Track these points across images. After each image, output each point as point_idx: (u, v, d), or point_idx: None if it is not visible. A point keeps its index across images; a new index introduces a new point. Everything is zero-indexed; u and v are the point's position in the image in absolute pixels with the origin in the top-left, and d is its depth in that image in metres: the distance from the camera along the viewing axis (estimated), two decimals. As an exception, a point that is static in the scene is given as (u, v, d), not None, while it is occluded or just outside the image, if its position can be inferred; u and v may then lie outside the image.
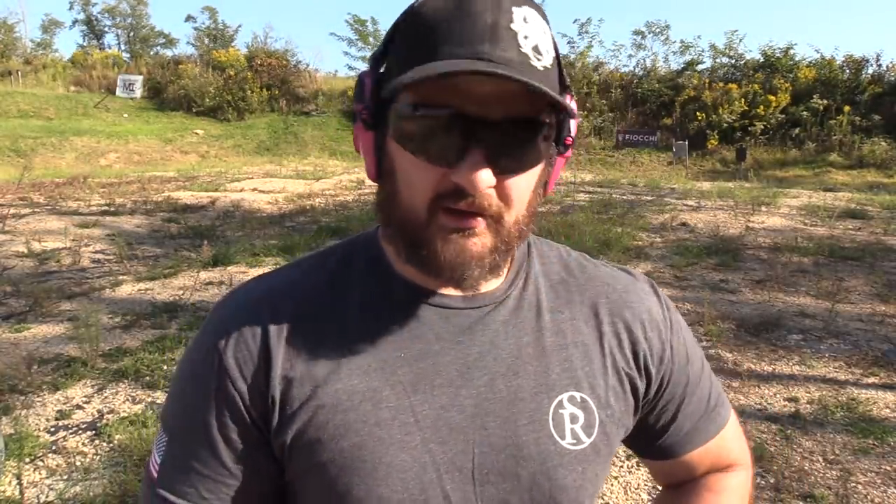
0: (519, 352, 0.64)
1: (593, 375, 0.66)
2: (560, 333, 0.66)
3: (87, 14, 39.57)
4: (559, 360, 0.65)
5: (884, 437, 3.01)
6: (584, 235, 6.95)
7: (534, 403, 0.63)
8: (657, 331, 0.70)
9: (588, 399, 0.65)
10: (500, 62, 0.51)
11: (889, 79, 17.54)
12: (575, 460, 0.63)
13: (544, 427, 0.62)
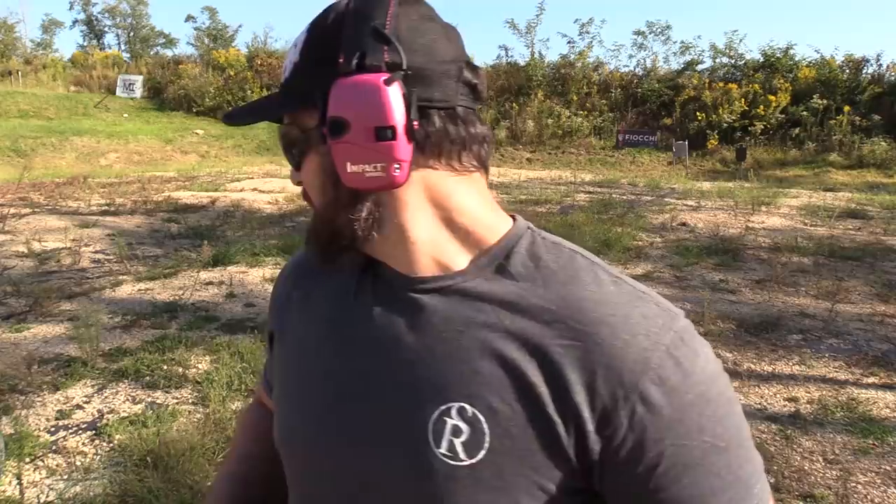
0: (431, 344, 0.60)
1: (500, 396, 0.57)
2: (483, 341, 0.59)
3: (87, 14, 39.59)
4: (469, 368, 0.58)
5: (884, 437, 3.01)
6: (584, 235, 6.95)
7: (413, 400, 0.59)
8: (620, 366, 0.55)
9: (479, 416, 0.57)
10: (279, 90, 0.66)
11: (889, 79, 17.53)
12: (442, 472, 0.58)
13: (423, 431, 0.58)
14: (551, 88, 20.48)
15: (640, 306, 0.59)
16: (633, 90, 19.91)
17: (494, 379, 0.57)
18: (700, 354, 0.58)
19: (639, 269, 6.06)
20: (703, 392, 0.56)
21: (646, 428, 0.55)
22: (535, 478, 0.57)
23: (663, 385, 0.55)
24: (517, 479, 0.57)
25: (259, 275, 5.76)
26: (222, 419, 3.02)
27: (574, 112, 19.40)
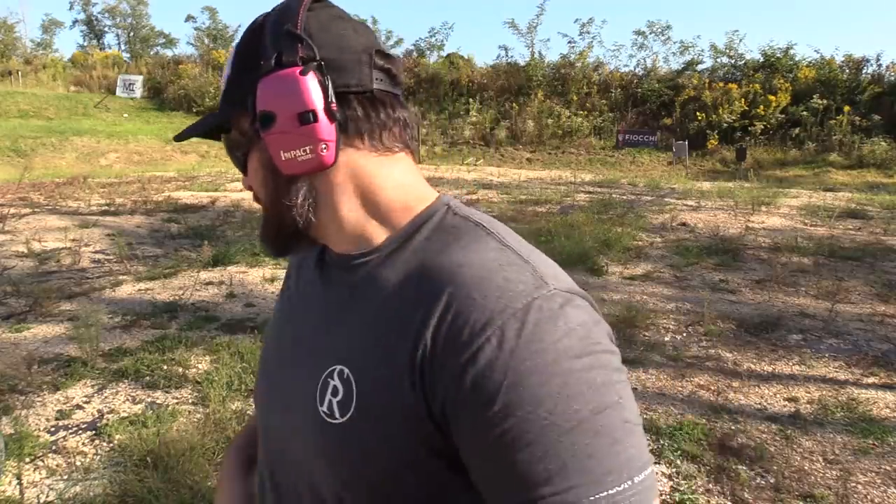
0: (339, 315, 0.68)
1: (372, 355, 0.61)
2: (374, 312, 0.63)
3: (87, 14, 39.59)
4: (356, 335, 0.64)
5: (884, 437, 3.01)
6: (584, 235, 6.95)
7: (315, 364, 0.66)
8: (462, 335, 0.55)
9: (353, 376, 0.62)
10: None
11: (889, 79, 17.54)
12: (323, 430, 0.62)
13: (312, 390, 0.65)
14: (551, 88, 20.49)
15: (510, 271, 0.58)
16: (633, 90, 19.91)
17: (369, 345, 0.62)
18: (559, 327, 0.54)
19: (639, 269, 6.06)
20: (549, 363, 0.52)
21: (478, 386, 0.53)
22: (398, 439, 0.58)
23: (500, 346, 0.53)
24: (383, 439, 0.59)
25: (259, 275, 5.76)
26: (222, 419, 3.02)
27: (574, 112, 19.40)
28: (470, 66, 22.34)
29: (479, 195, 10.72)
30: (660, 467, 2.78)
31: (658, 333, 4.40)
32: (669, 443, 2.93)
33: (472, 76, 21.62)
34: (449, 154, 18.19)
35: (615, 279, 5.77)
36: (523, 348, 0.53)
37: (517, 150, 18.63)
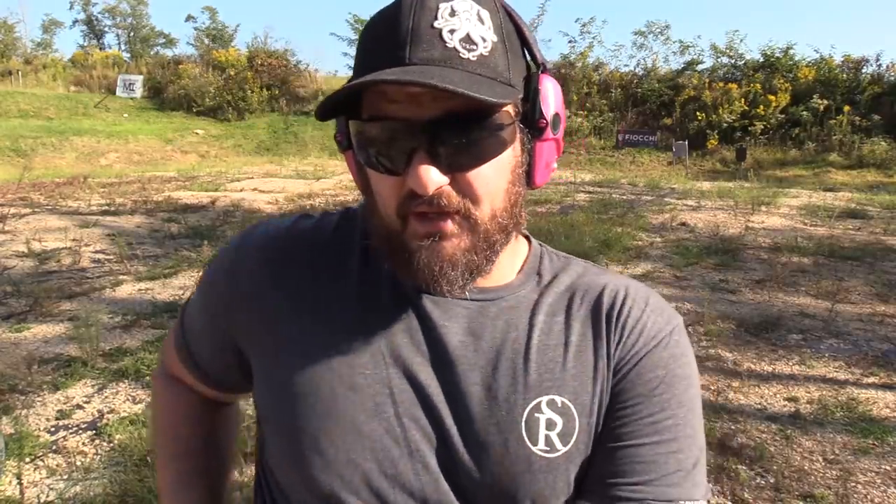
0: (502, 346, 0.62)
1: (579, 379, 0.62)
2: (549, 333, 0.63)
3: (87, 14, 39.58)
4: (543, 360, 0.62)
5: (884, 437, 3.01)
6: (584, 235, 6.95)
7: (507, 403, 0.60)
8: (639, 338, 0.63)
9: (569, 404, 0.61)
10: (420, 63, 0.53)
11: (889, 79, 17.52)
12: (546, 468, 0.60)
13: (515, 429, 0.60)
14: (551, 88, 20.48)
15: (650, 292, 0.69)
16: (633, 90, 19.90)
17: (573, 364, 0.63)
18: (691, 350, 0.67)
19: (639, 269, 6.06)
20: (694, 376, 0.66)
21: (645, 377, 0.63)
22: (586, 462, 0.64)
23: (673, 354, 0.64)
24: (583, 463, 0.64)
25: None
26: (222, 419, 3.02)
27: (574, 112, 19.40)
28: (470, 66, 22.33)
29: (479, 195, 10.71)
30: (660, 467, 2.78)
31: (658, 333, 4.40)
32: (669, 443, 2.93)
33: (472, 76, 21.61)
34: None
35: (615, 279, 5.76)
36: (680, 339, 0.65)
37: (517, 150, 18.63)
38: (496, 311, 0.63)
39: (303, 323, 0.64)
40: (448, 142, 0.54)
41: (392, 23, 0.54)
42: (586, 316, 0.64)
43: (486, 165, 0.56)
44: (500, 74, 0.55)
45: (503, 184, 0.58)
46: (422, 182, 0.53)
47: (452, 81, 0.51)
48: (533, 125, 0.59)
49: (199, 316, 0.76)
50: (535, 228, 7.54)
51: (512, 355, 0.62)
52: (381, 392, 0.60)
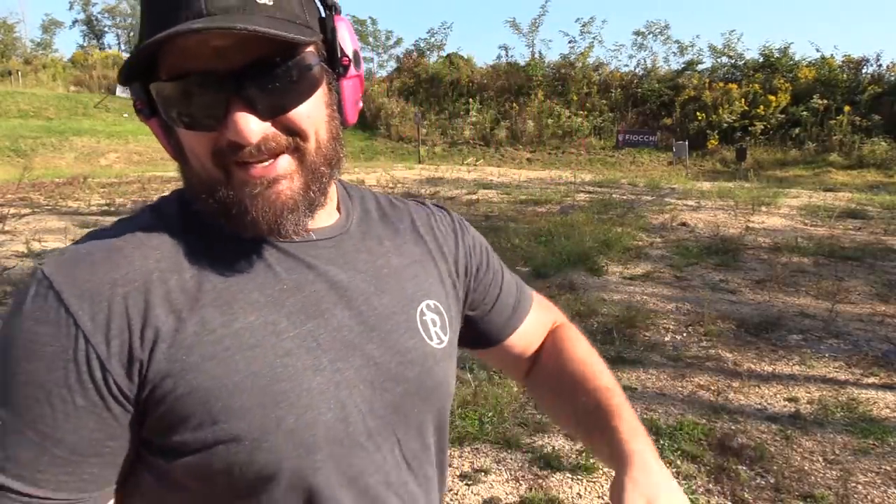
0: (378, 272, 0.70)
1: (436, 284, 0.76)
2: (401, 254, 0.74)
3: (87, 14, 39.62)
4: (409, 275, 0.73)
5: (884, 437, 3.00)
6: (584, 235, 6.95)
7: (404, 315, 0.70)
8: (460, 234, 0.82)
9: (439, 304, 0.74)
10: (217, 12, 0.52)
11: (889, 79, 17.53)
12: (442, 357, 0.72)
13: (417, 333, 0.70)
14: (551, 88, 20.49)
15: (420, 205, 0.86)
16: (633, 90, 19.92)
17: (426, 274, 0.77)
18: None
19: (639, 269, 6.06)
20: (469, 225, 0.89)
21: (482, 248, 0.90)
22: (458, 326, 0.81)
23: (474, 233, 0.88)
24: (457, 335, 0.79)
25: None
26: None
27: (574, 112, 19.41)
28: (470, 66, 22.34)
29: (479, 195, 10.72)
30: (660, 467, 2.78)
31: (658, 333, 4.40)
32: (669, 443, 2.93)
33: (472, 76, 21.62)
34: (449, 154, 18.20)
35: (615, 279, 5.77)
36: (460, 219, 0.86)
37: (517, 150, 18.63)
38: (352, 243, 0.70)
39: (202, 324, 0.57)
40: (263, 88, 0.54)
41: None
42: (415, 234, 0.78)
43: (304, 104, 0.57)
44: (297, 17, 0.56)
45: (323, 117, 0.60)
46: (243, 133, 0.54)
47: (257, 24, 0.51)
48: (337, 64, 0.61)
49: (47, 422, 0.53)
50: (535, 228, 7.54)
51: (386, 275, 0.70)
52: (311, 347, 0.61)
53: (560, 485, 2.65)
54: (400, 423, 0.67)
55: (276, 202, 0.57)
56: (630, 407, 0.77)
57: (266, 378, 0.58)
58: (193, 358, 0.56)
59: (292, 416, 0.58)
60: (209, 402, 0.56)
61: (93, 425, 0.54)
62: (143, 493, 0.60)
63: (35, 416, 0.53)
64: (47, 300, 0.54)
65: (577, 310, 4.74)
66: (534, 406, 3.20)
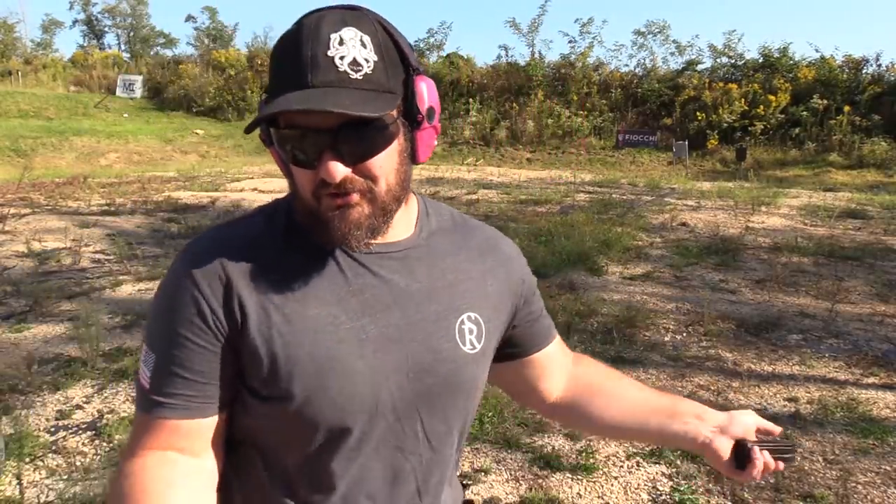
0: (433, 284, 0.86)
1: (482, 300, 0.90)
2: (457, 271, 0.89)
3: (87, 14, 39.60)
4: (459, 290, 0.88)
5: (884, 437, 3.01)
6: (584, 235, 6.95)
7: (445, 322, 0.86)
8: (515, 262, 0.98)
9: (479, 317, 0.89)
10: (320, 86, 0.70)
11: (889, 79, 17.51)
12: (473, 361, 0.88)
13: (453, 338, 0.86)
14: (551, 88, 20.47)
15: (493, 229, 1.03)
16: (633, 90, 19.89)
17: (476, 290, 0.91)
18: None
19: (639, 269, 6.06)
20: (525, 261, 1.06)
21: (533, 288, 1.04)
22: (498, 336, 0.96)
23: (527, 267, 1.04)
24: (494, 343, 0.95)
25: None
26: (222, 419, 3.02)
27: (574, 112, 19.39)
28: (470, 66, 22.32)
29: (479, 195, 10.72)
30: (660, 467, 2.78)
31: (658, 333, 4.40)
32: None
33: (472, 76, 21.61)
34: (449, 154, 18.18)
35: (615, 279, 5.77)
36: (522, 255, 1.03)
37: (517, 150, 18.62)
38: (417, 256, 0.86)
39: (283, 308, 0.79)
40: (348, 142, 0.73)
41: (294, 51, 0.72)
42: (477, 253, 0.93)
43: (378, 155, 0.75)
44: (382, 86, 0.73)
45: (394, 165, 0.77)
46: (331, 174, 0.73)
47: (344, 104, 0.69)
48: (413, 119, 0.78)
49: (180, 360, 0.77)
50: (535, 228, 7.54)
51: (439, 287, 0.87)
52: (360, 338, 0.80)
53: (560, 485, 2.65)
54: (424, 406, 0.85)
55: (348, 223, 0.76)
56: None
57: (321, 357, 0.78)
58: (273, 332, 0.77)
59: (335, 387, 0.78)
60: (278, 365, 0.77)
61: (211, 358, 0.78)
62: (239, 415, 0.83)
63: (174, 354, 0.77)
64: (182, 274, 0.79)
65: (577, 310, 4.74)
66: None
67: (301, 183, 0.77)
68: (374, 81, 0.72)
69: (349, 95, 0.70)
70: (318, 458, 0.81)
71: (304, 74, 0.70)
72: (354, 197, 0.75)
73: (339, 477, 0.82)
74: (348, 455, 0.81)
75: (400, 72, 0.76)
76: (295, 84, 0.71)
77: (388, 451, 0.84)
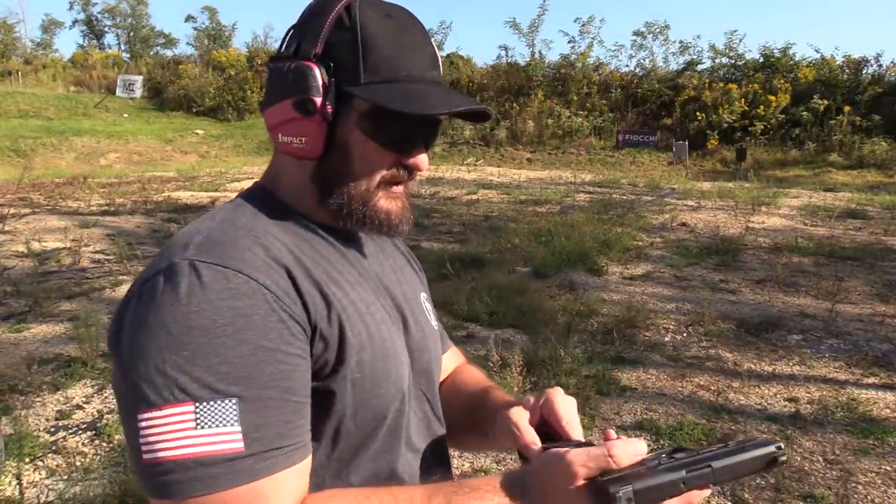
0: (394, 266, 0.89)
1: (421, 283, 0.95)
2: (397, 257, 0.93)
3: (87, 14, 39.59)
4: (409, 271, 0.93)
5: (884, 438, 3.00)
6: (584, 235, 6.95)
7: (416, 300, 0.89)
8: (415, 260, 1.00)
9: (427, 296, 0.94)
10: (442, 83, 0.75)
11: (889, 79, 17.52)
12: (437, 336, 0.92)
13: (425, 315, 0.89)
14: (551, 88, 20.47)
15: None
16: (633, 90, 19.90)
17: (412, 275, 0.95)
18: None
19: (639, 270, 6.06)
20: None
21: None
22: None
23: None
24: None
25: (259, 275, 5.76)
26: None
27: (574, 112, 19.40)
28: (470, 66, 22.34)
29: (479, 195, 10.72)
30: (660, 467, 2.78)
31: (658, 333, 4.40)
32: (669, 443, 2.93)
33: (472, 76, 21.62)
34: (449, 154, 18.18)
35: (615, 279, 5.76)
36: None
37: (517, 150, 18.62)
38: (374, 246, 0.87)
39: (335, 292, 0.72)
40: (436, 136, 0.77)
41: (415, 44, 0.73)
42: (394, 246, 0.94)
43: None
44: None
45: None
46: (424, 164, 0.76)
47: (470, 104, 0.73)
48: None
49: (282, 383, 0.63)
50: (535, 228, 7.54)
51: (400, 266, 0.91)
52: (385, 319, 0.78)
53: (560, 485, 2.64)
54: (425, 384, 0.85)
55: (397, 210, 0.77)
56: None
57: (378, 339, 0.74)
58: (335, 318, 0.69)
59: (394, 369, 0.76)
60: (349, 352, 0.70)
61: (305, 367, 0.66)
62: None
63: (268, 377, 0.61)
64: (230, 279, 0.62)
65: (577, 310, 4.74)
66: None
67: (375, 165, 0.74)
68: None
69: (459, 95, 0.77)
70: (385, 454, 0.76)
71: (431, 69, 0.74)
72: (402, 189, 0.78)
73: (396, 463, 0.77)
74: (407, 443, 0.79)
75: None
76: (429, 76, 0.73)
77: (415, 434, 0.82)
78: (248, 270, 0.63)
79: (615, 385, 3.54)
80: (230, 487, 0.58)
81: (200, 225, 0.71)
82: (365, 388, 0.71)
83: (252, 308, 0.62)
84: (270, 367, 0.61)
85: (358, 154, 0.73)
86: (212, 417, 0.58)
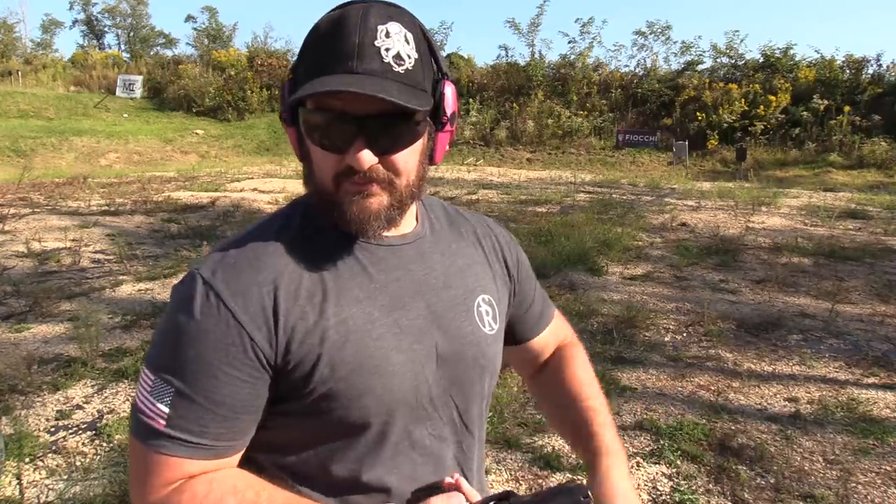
0: (447, 271, 0.89)
1: (490, 282, 0.94)
2: (464, 256, 0.93)
3: (87, 14, 39.61)
4: (470, 274, 0.91)
5: (884, 438, 3.00)
6: (584, 235, 6.95)
7: (465, 306, 0.88)
8: (510, 246, 1.01)
9: (492, 298, 0.93)
10: (364, 73, 0.70)
11: (889, 79, 17.54)
12: (493, 341, 0.91)
13: (473, 321, 0.89)
14: (551, 88, 20.48)
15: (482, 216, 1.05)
16: (633, 90, 19.91)
17: (483, 273, 0.94)
18: None
19: (639, 270, 6.06)
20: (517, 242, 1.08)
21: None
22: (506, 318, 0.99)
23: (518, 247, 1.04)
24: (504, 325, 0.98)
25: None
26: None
27: (574, 112, 19.41)
28: (470, 66, 22.36)
29: (479, 195, 10.72)
30: (660, 467, 2.78)
31: (658, 333, 4.40)
32: (669, 443, 2.93)
33: (472, 76, 21.63)
34: (449, 154, 18.17)
35: (615, 279, 5.76)
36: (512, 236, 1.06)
37: (517, 150, 18.63)
38: (428, 246, 0.88)
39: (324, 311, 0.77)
40: (380, 133, 0.73)
41: (340, 36, 0.71)
42: (476, 239, 0.97)
43: (405, 150, 0.75)
44: (420, 84, 0.74)
45: (416, 163, 0.78)
46: (360, 161, 0.72)
47: (391, 93, 0.69)
48: (438, 120, 0.79)
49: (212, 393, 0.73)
50: (535, 228, 7.54)
51: (453, 273, 0.89)
52: (395, 332, 0.80)
53: (560, 485, 2.64)
54: (457, 392, 0.86)
55: (366, 210, 0.76)
56: (612, 426, 0.96)
57: (364, 357, 0.77)
58: (314, 339, 0.75)
59: (380, 384, 0.78)
60: (323, 370, 0.75)
61: (247, 390, 0.74)
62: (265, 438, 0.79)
63: (202, 386, 0.72)
64: (209, 299, 0.74)
65: (577, 310, 4.74)
66: (534, 406, 3.20)
67: (322, 167, 0.76)
68: (413, 78, 0.73)
69: (393, 86, 0.70)
70: (365, 461, 0.80)
71: (350, 60, 0.70)
72: (374, 187, 0.75)
73: (388, 474, 0.81)
74: (394, 451, 0.81)
75: (431, 73, 0.78)
76: (340, 68, 0.70)
77: (430, 442, 0.84)
78: (225, 295, 0.73)
79: (615, 385, 3.54)
80: (142, 446, 0.74)
81: (230, 237, 0.83)
82: (341, 402, 0.76)
83: (215, 327, 0.73)
84: (205, 379, 0.72)
85: (315, 158, 0.77)
86: (158, 392, 0.73)
